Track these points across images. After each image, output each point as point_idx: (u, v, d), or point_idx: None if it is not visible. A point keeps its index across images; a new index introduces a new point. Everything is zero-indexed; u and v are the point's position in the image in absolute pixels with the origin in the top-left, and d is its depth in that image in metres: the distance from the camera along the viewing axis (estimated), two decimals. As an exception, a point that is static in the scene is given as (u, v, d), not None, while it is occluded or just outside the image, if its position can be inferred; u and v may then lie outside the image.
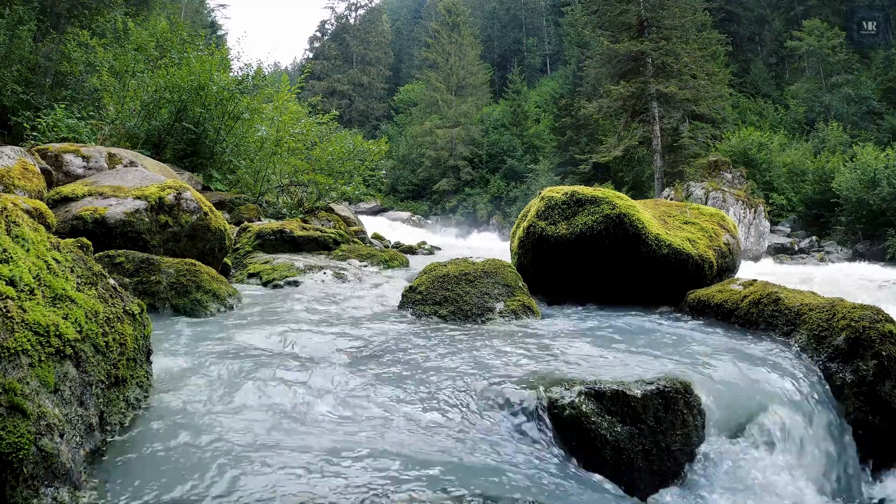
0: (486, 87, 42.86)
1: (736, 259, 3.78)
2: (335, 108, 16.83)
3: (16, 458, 0.98)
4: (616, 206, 3.17)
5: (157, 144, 8.37)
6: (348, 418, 1.53)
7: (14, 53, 11.54)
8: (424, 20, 56.25)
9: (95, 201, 3.58)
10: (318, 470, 1.23)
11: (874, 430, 2.02)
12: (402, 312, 2.86)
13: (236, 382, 1.75)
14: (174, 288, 2.79)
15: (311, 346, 2.20)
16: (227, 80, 8.72)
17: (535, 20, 52.83)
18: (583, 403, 1.63)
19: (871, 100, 29.30)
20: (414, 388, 1.76)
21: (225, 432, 1.38)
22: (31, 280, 1.24)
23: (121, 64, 10.02)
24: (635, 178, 26.41)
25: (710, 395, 1.81)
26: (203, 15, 40.15)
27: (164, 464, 1.23)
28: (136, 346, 1.56)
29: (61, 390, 1.18)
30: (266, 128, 9.42)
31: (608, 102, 24.87)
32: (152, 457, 1.25)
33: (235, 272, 4.40)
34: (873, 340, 2.12)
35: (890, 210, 18.93)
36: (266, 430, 1.42)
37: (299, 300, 3.36)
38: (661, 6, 24.41)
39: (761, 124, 30.01)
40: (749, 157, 24.16)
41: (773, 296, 2.62)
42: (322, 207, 8.29)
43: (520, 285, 2.95)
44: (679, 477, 1.65)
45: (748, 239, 19.92)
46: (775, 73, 37.04)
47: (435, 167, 38.66)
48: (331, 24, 55.32)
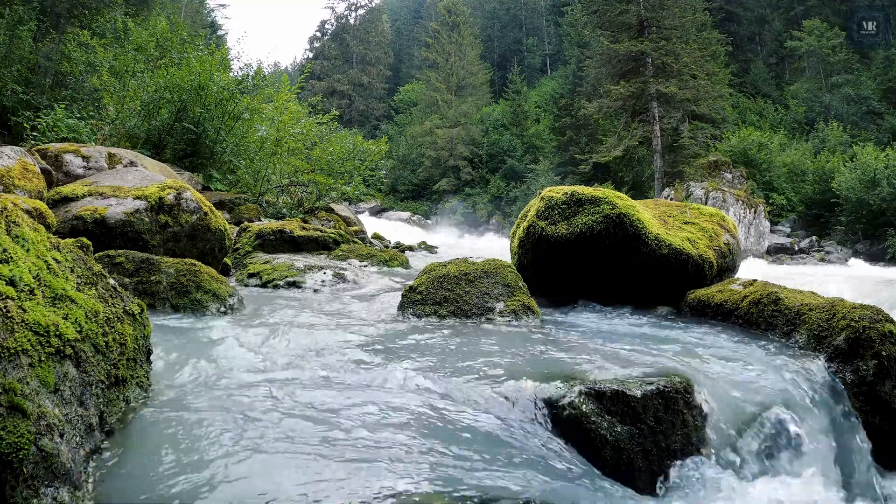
0: (486, 87, 42.88)
1: (736, 259, 3.78)
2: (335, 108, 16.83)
3: (16, 458, 0.98)
4: (616, 206, 3.16)
5: (157, 144, 8.37)
6: (348, 418, 1.53)
7: (14, 53, 11.55)
8: (424, 20, 56.26)
9: (95, 201, 3.58)
10: (315, 469, 1.23)
11: (874, 431, 2.02)
12: (402, 312, 2.86)
13: (236, 383, 1.75)
14: (174, 288, 2.79)
15: (310, 345, 2.20)
16: (227, 80, 8.72)
17: (535, 20, 52.85)
18: (583, 403, 1.63)
19: (871, 100, 29.31)
20: (413, 387, 1.76)
21: (225, 432, 1.38)
22: (31, 280, 1.24)
23: (121, 64, 10.02)
24: (635, 178, 26.42)
25: (711, 394, 1.81)
26: (203, 15, 40.17)
27: (164, 464, 1.22)
28: (136, 346, 1.56)
29: (61, 390, 1.18)
30: (266, 128, 9.43)
31: (608, 102, 24.89)
32: (152, 457, 1.25)
33: (235, 272, 4.40)
34: (873, 340, 2.12)
35: (890, 210, 18.93)
36: (266, 429, 1.42)
37: (299, 300, 3.36)
38: (661, 6, 24.42)
39: (761, 124, 30.02)
40: (749, 157, 24.18)
41: (773, 296, 2.62)
42: (322, 207, 8.29)
43: (520, 285, 2.95)
44: (679, 477, 1.65)
45: (748, 239, 19.93)
46: (775, 73, 37.05)
47: (435, 167, 38.67)
48: (331, 24, 55.35)
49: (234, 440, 1.34)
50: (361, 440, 1.40)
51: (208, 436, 1.35)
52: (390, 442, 1.40)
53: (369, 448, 1.36)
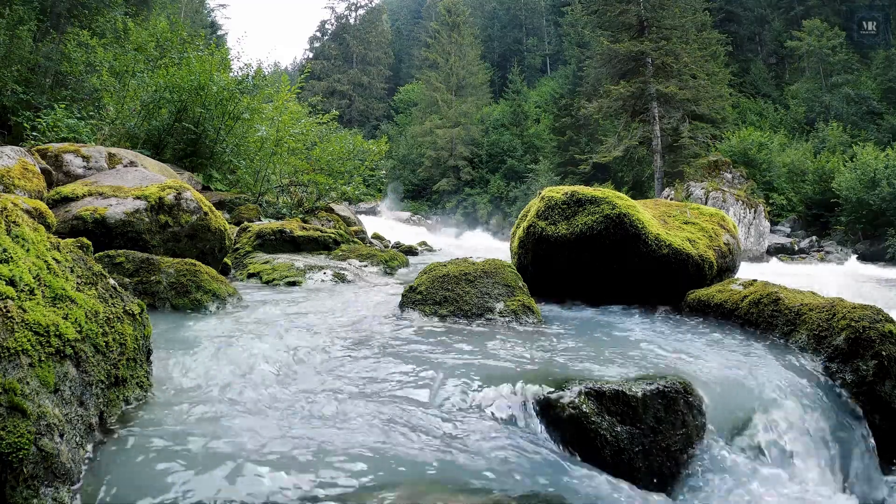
0: (486, 87, 42.89)
1: (736, 259, 3.78)
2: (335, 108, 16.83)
3: (16, 458, 0.98)
4: (616, 206, 3.16)
5: (157, 144, 8.37)
6: (347, 418, 1.53)
7: (14, 53, 11.55)
8: (424, 20, 56.27)
9: (95, 201, 3.58)
10: (313, 468, 1.23)
11: (874, 431, 2.02)
12: (401, 312, 2.86)
13: (236, 383, 1.75)
14: (174, 288, 2.79)
15: (310, 346, 2.20)
16: (227, 80, 8.71)
17: (535, 20, 52.87)
18: (583, 403, 1.63)
19: (871, 100, 29.32)
20: (413, 387, 1.76)
21: (225, 432, 1.38)
22: (31, 280, 1.24)
23: (121, 64, 10.02)
24: (635, 178, 26.43)
25: (711, 395, 1.81)
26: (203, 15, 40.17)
27: (165, 464, 1.22)
28: (136, 346, 1.56)
29: (61, 390, 1.18)
30: (266, 128, 9.42)
31: (608, 102, 24.90)
32: (152, 457, 1.25)
33: (235, 272, 4.40)
34: (873, 340, 2.12)
35: (890, 210, 18.94)
36: (266, 428, 1.42)
37: (299, 300, 3.36)
38: (661, 6, 24.44)
39: (761, 124, 30.04)
40: (749, 157, 24.19)
41: (773, 296, 2.61)
42: (322, 207, 8.29)
43: (520, 285, 2.95)
44: (679, 477, 1.65)
45: (748, 239, 19.94)
46: (775, 73, 37.06)
47: (435, 167, 38.69)
48: (331, 24, 55.33)
49: (236, 440, 1.34)
50: (362, 440, 1.40)
51: (209, 436, 1.35)
52: (391, 442, 1.40)
53: (370, 448, 1.36)
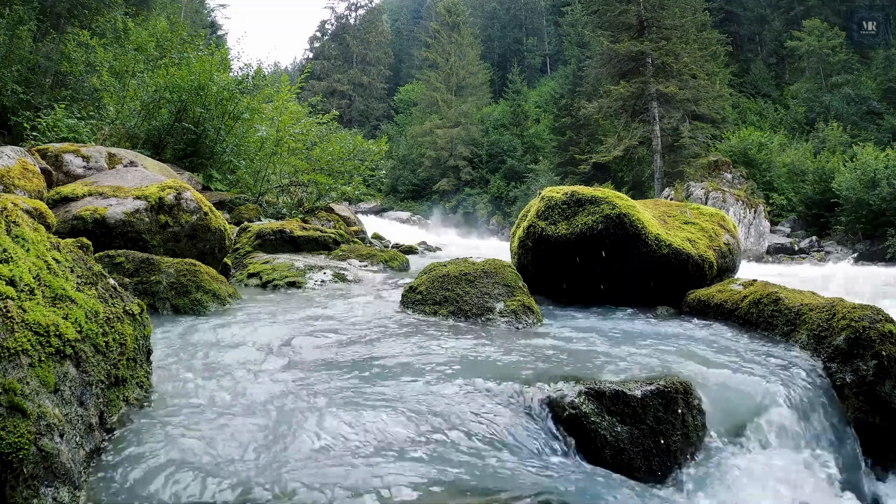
0: (485, 87, 42.89)
1: (736, 259, 3.78)
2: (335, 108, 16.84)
3: (16, 458, 0.98)
4: (616, 206, 3.17)
5: (157, 144, 8.37)
6: (349, 418, 1.53)
7: (14, 53, 11.55)
8: (424, 20, 56.27)
9: (95, 201, 3.58)
10: (313, 467, 1.23)
11: (874, 431, 2.02)
12: (401, 312, 2.86)
13: (236, 383, 1.75)
14: (174, 288, 2.79)
15: (310, 346, 2.20)
16: (227, 80, 8.71)
17: (535, 20, 52.86)
18: (583, 403, 1.63)
19: (871, 100, 29.31)
20: (413, 387, 1.76)
21: (226, 432, 1.38)
22: (31, 280, 1.24)
23: (121, 64, 10.02)
24: (635, 178, 26.43)
25: (710, 395, 1.81)
26: (203, 15, 40.14)
27: (164, 463, 1.22)
28: (136, 346, 1.56)
29: (61, 390, 1.18)
30: (266, 128, 9.43)
31: (608, 102, 24.92)
32: (152, 457, 1.25)
33: (235, 272, 4.40)
34: (873, 340, 2.12)
35: (890, 210, 18.92)
36: (266, 428, 1.42)
37: (299, 300, 3.36)
38: (661, 6, 24.45)
39: (761, 124, 30.03)
40: (749, 157, 24.18)
41: (773, 296, 2.62)
42: (322, 207, 8.29)
43: (520, 285, 2.95)
44: (679, 477, 1.65)
45: (748, 239, 19.94)
46: (775, 73, 37.04)
47: (435, 167, 38.68)
48: (331, 24, 55.29)
49: (236, 440, 1.34)
50: (362, 440, 1.40)
51: (209, 435, 1.35)
52: (392, 442, 1.40)
53: (370, 448, 1.36)
